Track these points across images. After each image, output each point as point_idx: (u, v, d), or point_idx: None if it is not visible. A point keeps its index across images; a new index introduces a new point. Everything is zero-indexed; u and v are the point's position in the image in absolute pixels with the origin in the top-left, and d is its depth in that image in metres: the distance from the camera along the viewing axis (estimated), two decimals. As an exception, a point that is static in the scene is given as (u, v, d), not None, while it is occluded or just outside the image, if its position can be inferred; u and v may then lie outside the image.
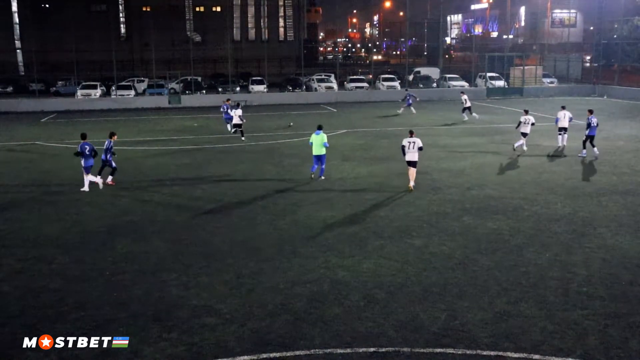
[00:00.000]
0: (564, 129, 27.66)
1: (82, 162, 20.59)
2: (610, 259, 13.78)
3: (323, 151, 21.84)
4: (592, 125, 25.21)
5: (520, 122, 26.90)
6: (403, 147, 20.35)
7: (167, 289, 12.37)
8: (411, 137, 20.32)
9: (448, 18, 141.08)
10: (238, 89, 56.52)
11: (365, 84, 58.03)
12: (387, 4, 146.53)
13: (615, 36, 61.47)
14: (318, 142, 21.71)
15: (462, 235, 15.55)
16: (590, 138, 25.44)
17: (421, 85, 58.94)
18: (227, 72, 58.61)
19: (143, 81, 59.93)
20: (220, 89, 55.97)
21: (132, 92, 53.82)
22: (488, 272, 13.08)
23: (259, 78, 59.16)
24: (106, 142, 21.04)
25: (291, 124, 37.03)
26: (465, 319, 10.81)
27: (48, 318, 11.06)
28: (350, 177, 22.61)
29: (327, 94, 55.25)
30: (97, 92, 53.07)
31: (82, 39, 60.53)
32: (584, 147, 25.68)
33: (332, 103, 51.74)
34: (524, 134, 26.74)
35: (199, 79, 59.44)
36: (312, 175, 22.17)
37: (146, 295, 12.04)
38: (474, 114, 38.16)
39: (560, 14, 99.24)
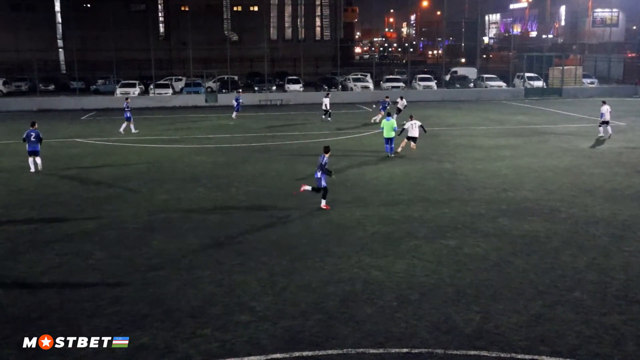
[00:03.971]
0: (607, 122, 30.25)
1: (27, 147, 23.51)
2: (650, 263, 13.49)
3: (392, 134, 25.96)
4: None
5: (403, 128, 27.04)
6: (404, 128, 26.68)
7: (201, 285, 12.49)
8: (411, 120, 26.80)
9: (486, 17, 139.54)
10: (274, 88, 56.75)
11: (401, 84, 57.74)
12: (425, 4, 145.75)
13: (658, 36, 60.12)
14: (388, 127, 25.87)
15: (497, 237, 15.38)
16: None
17: (458, 86, 58.41)
18: (263, 71, 58.86)
19: (181, 80, 60.59)
20: (256, 88, 56.26)
21: (170, 91, 54.43)
22: (523, 274, 12.91)
23: (294, 77, 59.33)
24: (320, 158, 18.07)
25: (328, 118, 37.03)
26: (500, 322, 10.69)
27: (85, 312, 11.25)
28: (385, 177, 22.53)
29: (363, 93, 55.12)
30: (136, 91, 53.80)
31: (122, 38, 61.50)
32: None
33: (368, 103, 51.61)
34: (412, 138, 26.77)
35: (236, 77, 59.83)
36: (388, 155, 26.15)
37: (180, 292, 12.17)
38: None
39: (601, 13, 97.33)
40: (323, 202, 18.17)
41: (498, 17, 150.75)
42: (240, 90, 54.26)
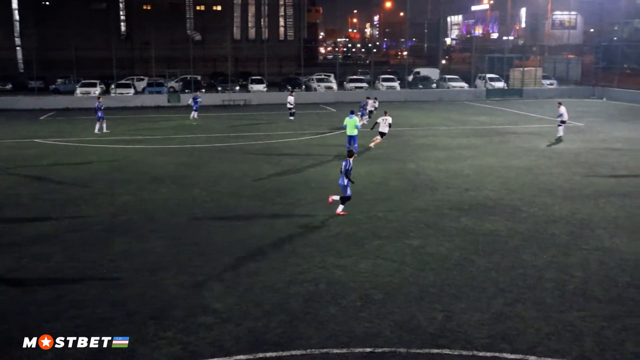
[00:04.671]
0: (564, 122, 31.27)
1: None
2: (608, 260, 13.79)
3: (355, 132, 25.82)
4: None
5: (376, 122, 28.92)
6: (377, 122, 28.22)
7: (164, 287, 12.37)
8: (385, 116, 28.10)
9: (448, 19, 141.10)
10: (237, 88, 56.49)
11: (365, 84, 57.98)
12: (388, 5, 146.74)
13: (615, 38, 61.43)
14: (351, 125, 25.72)
15: (459, 237, 15.55)
16: None
17: (420, 86, 58.91)
18: (226, 71, 58.57)
19: (142, 79, 59.85)
20: (219, 88, 55.93)
21: (132, 91, 53.76)
22: (485, 273, 13.08)
23: (258, 77, 59.15)
24: (344, 163, 17.32)
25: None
26: (462, 320, 10.81)
27: (44, 316, 11.05)
28: (348, 177, 22.57)
29: (327, 93, 55.24)
30: (97, 90, 52.99)
31: (82, 37, 60.49)
32: None
33: (331, 103, 51.74)
34: (381, 134, 28.38)
35: (199, 77, 59.40)
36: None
37: (143, 294, 12.03)
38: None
39: (560, 15, 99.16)
40: (340, 208, 17.50)
41: (460, 19, 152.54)
42: (204, 90, 54.01)
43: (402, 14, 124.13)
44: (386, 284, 12.49)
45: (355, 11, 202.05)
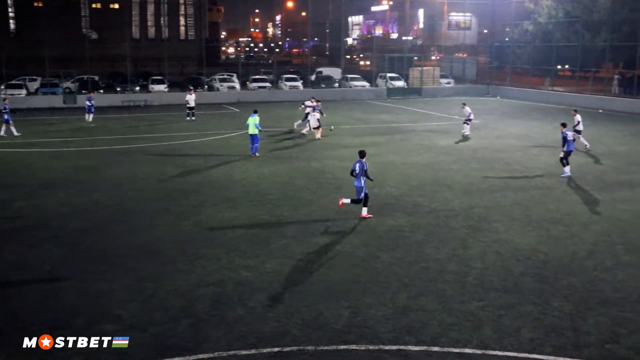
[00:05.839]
0: (470, 120, 32.38)
1: None
2: (504, 252, 14.40)
3: (256, 131, 25.75)
4: (569, 139, 22.08)
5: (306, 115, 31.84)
6: (309, 119, 30.76)
7: (62, 296, 11.88)
8: (314, 112, 30.87)
9: (349, 19, 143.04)
10: (138, 88, 55.01)
11: (267, 84, 57.92)
12: (289, 4, 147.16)
13: (507, 39, 64.14)
14: (251, 124, 25.64)
15: (364, 233, 15.81)
16: (568, 154, 22.24)
17: (323, 85, 59.44)
18: (125, 71, 56.94)
19: (35, 80, 57.16)
20: (118, 89, 54.30)
21: (24, 92, 51.32)
22: (389, 268, 13.36)
23: (159, 77, 57.84)
24: (358, 164, 17.11)
25: (332, 128, 34.13)
26: (368, 315, 10.99)
27: None
28: (253, 177, 22.50)
29: (230, 93, 54.79)
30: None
31: (-33, 35, 57.11)
32: (564, 165, 22.36)
33: (234, 103, 51.37)
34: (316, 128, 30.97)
35: (96, 78, 57.40)
36: (251, 155, 26.17)
37: (39, 305, 11.50)
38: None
39: (456, 17, 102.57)
40: (365, 211, 17.19)
41: (361, 19, 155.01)
42: (102, 91, 52.28)
43: (304, 13, 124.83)
44: (293, 282, 12.53)
45: (257, 11, 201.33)
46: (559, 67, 56.52)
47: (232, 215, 17.40)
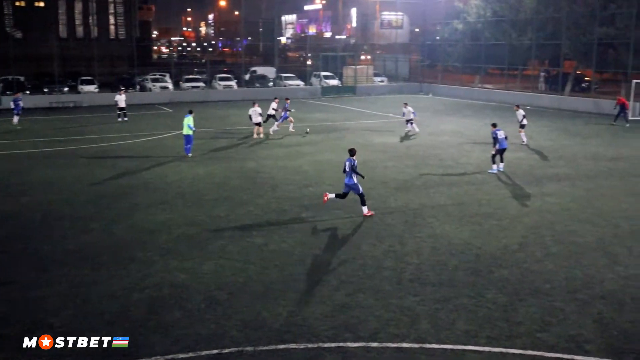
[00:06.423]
0: (411, 120, 32.88)
1: None
2: (439, 246, 14.67)
3: (190, 132, 25.57)
4: (500, 138, 22.62)
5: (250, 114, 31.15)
6: (250, 115, 30.42)
7: (-10, 305, 11.45)
8: (254, 107, 30.55)
9: (283, 18, 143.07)
10: (66, 89, 53.45)
11: (201, 84, 57.27)
12: (222, 3, 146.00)
13: (437, 38, 65.38)
14: (185, 124, 25.48)
15: (301, 232, 15.83)
16: (501, 152, 22.85)
17: (258, 85, 59.20)
18: (53, 71, 55.26)
19: (-44, 81, 54.85)
20: (46, 90, 52.63)
21: (-57, 94, 49.16)
22: (327, 266, 13.42)
23: (89, 78, 56.36)
24: (347, 162, 17.12)
25: (308, 130, 33.23)
26: (307, 314, 11.02)
27: None
28: (188, 178, 22.22)
29: (162, 94, 53.92)
30: None
31: None
32: (494, 162, 23.06)
33: (167, 103, 50.59)
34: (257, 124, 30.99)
35: (22, 78, 55.47)
36: (185, 155, 26.01)
37: (-34, 314, 11.06)
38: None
39: (388, 16, 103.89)
40: (365, 209, 17.14)
41: (294, 18, 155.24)
42: (28, 92, 50.56)
43: (236, 12, 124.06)
44: (231, 283, 12.44)
45: (189, 10, 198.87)
46: (488, 65, 57.92)
47: (167, 217, 17.14)
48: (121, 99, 38.53)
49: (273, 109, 33.43)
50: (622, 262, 13.73)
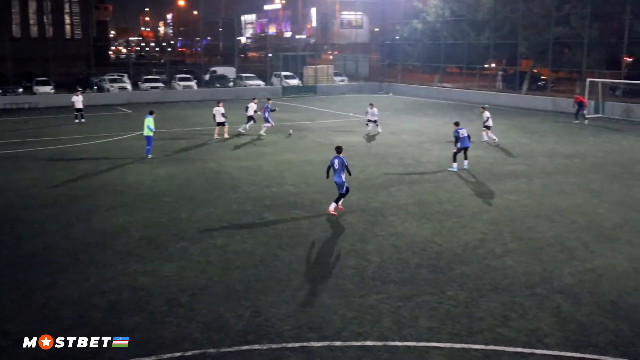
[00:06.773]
0: (375, 121, 32.66)
1: None
2: (400, 244, 14.77)
3: (150, 133, 25.42)
4: (462, 136, 22.83)
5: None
6: (214, 115, 30.47)
7: (-57, 313, 11.13)
8: (218, 106, 30.71)
9: (242, 18, 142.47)
10: (21, 90, 52.32)
11: (160, 84, 56.64)
12: (181, 3, 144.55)
13: (397, 37, 65.83)
14: (145, 125, 25.38)
15: (263, 232, 15.77)
16: (464, 150, 23.05)
17: (218, 85, 58.81)
18: (6, 72, 53.98)
19: None
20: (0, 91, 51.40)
21: None
22: (290, 266, 13.39)
23: (44, 78, 55.25)
24: (337, 160, 17.09)
25: (290, 132, 32.69)
26: (270, 314, 10.97)
27: None
28: (148, 179, 21.95)
29: (121, 94, 53.18)
30: None
31: None
32: (455, 160, 23.22)
33: (125, 104, 49.91)
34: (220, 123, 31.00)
35: (-27, 79, 54.08)
36: (145, 156, 25.78)
37: None
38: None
39: (348, 15, 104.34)
40: (332, 206, 17.27)
41: (254, 18, 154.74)
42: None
43: (195, 12, 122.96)
44: (192, 285, 12.32)
45: (147, 9, 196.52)
46: (447, 64, 58.53)
47: (127, 219, 16.90)
48: (78, 100, 37.87)
49: (254, 110, 32.93)
50: (579, 257, 14.01)
